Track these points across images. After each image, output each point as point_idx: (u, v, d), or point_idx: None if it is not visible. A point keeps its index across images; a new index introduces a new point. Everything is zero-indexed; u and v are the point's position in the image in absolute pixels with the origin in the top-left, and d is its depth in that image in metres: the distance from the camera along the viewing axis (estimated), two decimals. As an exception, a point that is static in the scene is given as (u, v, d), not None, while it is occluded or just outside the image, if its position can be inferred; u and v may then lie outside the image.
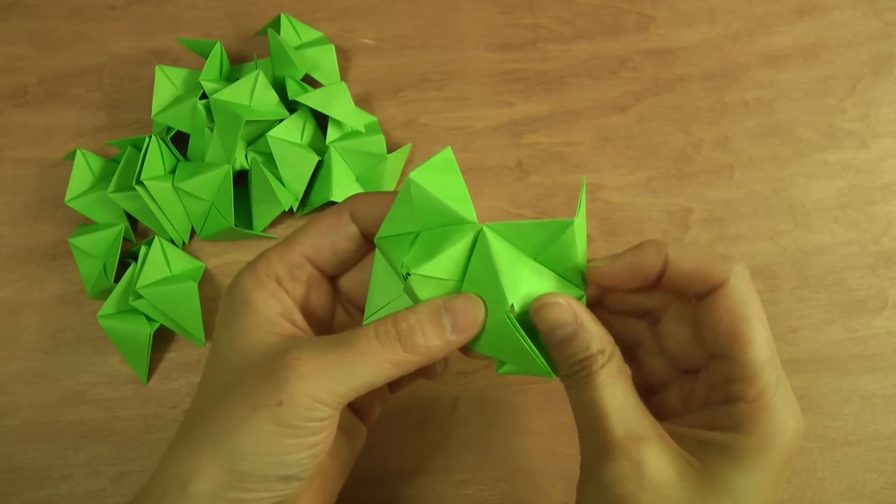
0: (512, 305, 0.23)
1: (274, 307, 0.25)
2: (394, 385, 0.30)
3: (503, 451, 0.36)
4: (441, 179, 0.24)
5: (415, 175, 0.24)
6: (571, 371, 0.23)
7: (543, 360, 0.24)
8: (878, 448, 0.36)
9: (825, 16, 0.43)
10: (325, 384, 0.22)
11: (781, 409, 0.22)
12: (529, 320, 0.24)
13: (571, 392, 0.24)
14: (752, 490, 0.22)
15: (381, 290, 0.26)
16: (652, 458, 0.22)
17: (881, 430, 0.36)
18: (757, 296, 0.23)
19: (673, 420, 0.25)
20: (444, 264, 0.24)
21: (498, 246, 0.23)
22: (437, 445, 0.36)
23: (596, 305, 0.27)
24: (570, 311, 0.23)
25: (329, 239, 0.26)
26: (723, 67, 0.42)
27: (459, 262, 0.24)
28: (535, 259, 0.24)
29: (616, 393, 0.23)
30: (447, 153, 0.25)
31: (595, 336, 0.23)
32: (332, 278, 0.28)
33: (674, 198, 0.40)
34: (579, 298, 0.24)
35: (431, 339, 0.23)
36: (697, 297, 0.24)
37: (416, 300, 0.24)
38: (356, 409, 0.29)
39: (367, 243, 0.27)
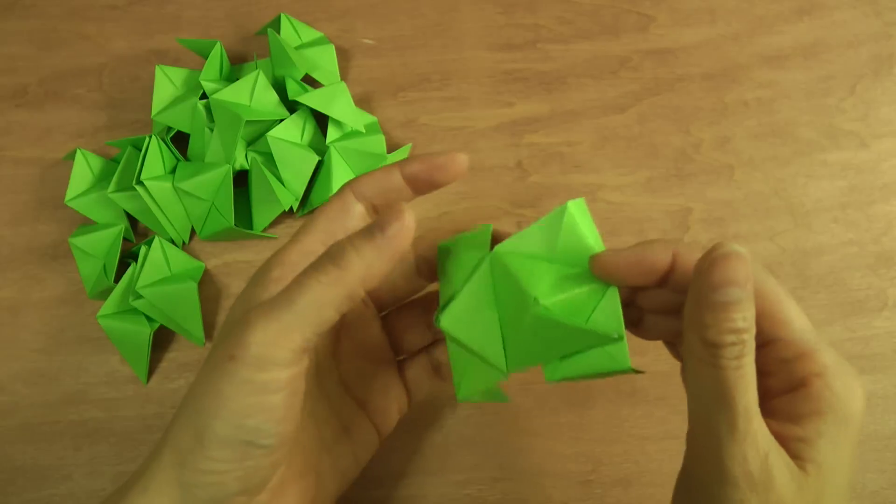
0: (535, 298, 0.23)
1: (272, 291, 0.25)
2: (412, 389, 0.30)
3: (503, 451, 0.36)
4: (587, 221, 0.25)
5: (572, 205, 0.24)
6: (723, 342, 0.20)
7: (597, 326, 0.23)
8: (878, 448, 0.36)
9: (825, 16, 0.43)
10: (272, 325, 0.21)
11: (847, 375, 0.22)
12: (560, 318, 0.24)
13: (705, 372, 0.21)
14: (847, 467, 0.21)
15: (473, 297, 0.25)
16: (777, 469, 0.20)
17: (881, 430, 0.36)
18: (773, 277, 0.23)
19: None
20: (468, 299, 0.24)
21: (512, 259, 0.24)
22: (437, 445, 0.36)
23: (629, 305, 0.27)
24: (749, 270, 0.20)
25: (338, 222, 0.26)
26: (723, 67, 0.42)
27: (486, 290, 0.25)
28: (550, 262, 0.24)
29: (755, 387, 0.20)
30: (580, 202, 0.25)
31: (754, 309, 0.20)
32: None
33: (674, 198, 0.40)
34: (612, 291, 0.24)
35: (364, 250, 0.22)
36: None
37: (470, 347, 0.25)
38: (371, 413, 0.29)
39: (371, 218, 0.27)
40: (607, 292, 0.24)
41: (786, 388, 0.22)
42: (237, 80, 0.37)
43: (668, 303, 0.25)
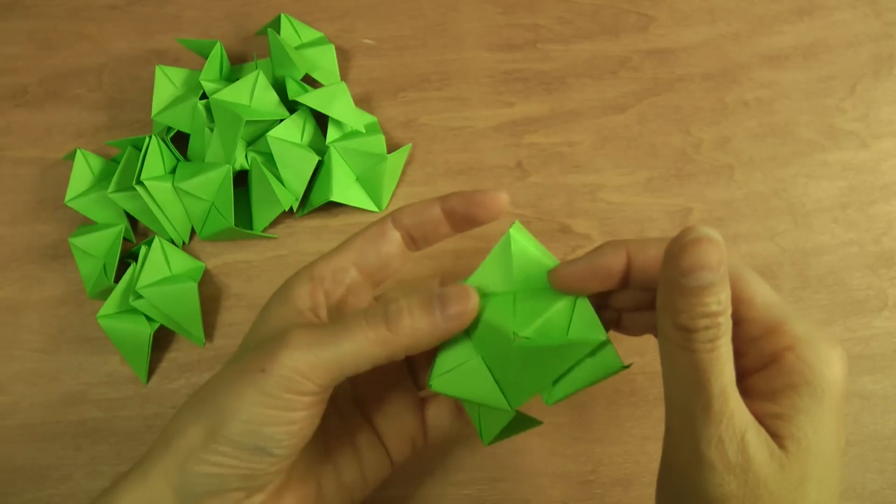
0: (515, 332, 0.24)
1: (303, 301, 0.26)
2: (430, 431, 0.30)
3: (503, 451, 0.36)
4: (530, 239, 0.25)
5: (514, 231, 0.25)
6: (696, 326, 0.20)
7: (584, 333, 0.23)
8: (878, 448, 0.36)
9: (825, 16, 0.43)
10: (309, 357, 0.22)
11: (820, 344, 0.21)
12: (544, 342, 0.24)
13: (678, 356, 0.20)
14: (832, 442, 0.21)
15: (454, 352, 0.26)
16: (755, 449, 0.20)
17: (881, 430, 0.36)
18: (738, 259, 0.23)
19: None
20: (448, 355, 0.25)
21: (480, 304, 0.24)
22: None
23: (604, 307, 0.27)
24: (722, 252, 0.19)
25: (374, 245, 0.27)
26: (723, 67, 0.42)
27: (461, 341, 0.25)
28: (513, 292, 0.25)
29: (731, 368, 0.20)
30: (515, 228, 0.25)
31: (729, 291, 0.20)
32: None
33: (674, 198, 0.40)
34: (581, 300, 0.24)
35: (419, 322, 0.23)
36: None
37: (464, 394, 0.25)
38: (381, 435, 0.29)
39: (407, 249, 0.28)
40: (577, 302, 0.24)
41: (759, 365, 0.22)
42: (237, 80, 0.37)
43: (639, 300, 0.26)
